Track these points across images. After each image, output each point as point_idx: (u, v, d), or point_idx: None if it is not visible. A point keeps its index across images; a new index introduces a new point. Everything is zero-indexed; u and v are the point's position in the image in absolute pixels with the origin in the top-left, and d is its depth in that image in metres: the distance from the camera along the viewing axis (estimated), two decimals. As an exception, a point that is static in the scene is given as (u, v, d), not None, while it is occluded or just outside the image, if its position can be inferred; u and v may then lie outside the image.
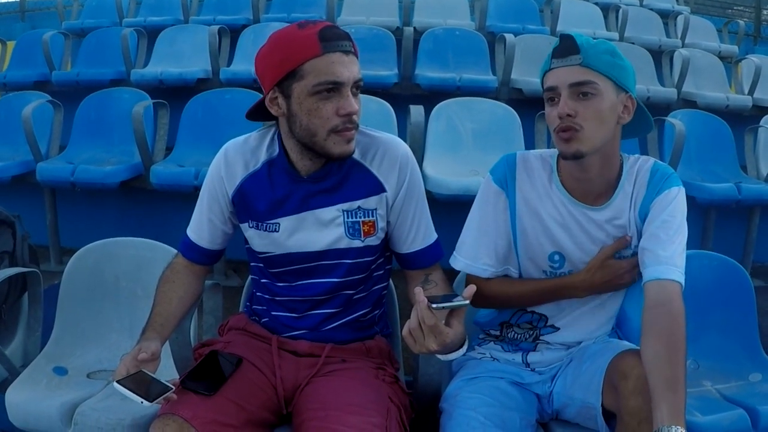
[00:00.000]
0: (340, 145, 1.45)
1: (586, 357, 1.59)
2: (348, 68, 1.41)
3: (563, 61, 1.44)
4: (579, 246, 1.57)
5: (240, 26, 4.87)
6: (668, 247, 1.45)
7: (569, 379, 1.59)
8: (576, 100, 1.43)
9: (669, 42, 5.13)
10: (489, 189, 1.60)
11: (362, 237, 1.57)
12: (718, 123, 3.73)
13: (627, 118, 1.49)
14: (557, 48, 1.46)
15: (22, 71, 4.70)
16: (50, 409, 1.75)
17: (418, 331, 1.28)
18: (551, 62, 1.46)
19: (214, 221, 1.64)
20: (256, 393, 1.51)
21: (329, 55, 1.39)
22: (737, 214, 3.62)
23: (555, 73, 1.45)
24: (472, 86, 4.01)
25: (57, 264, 3.55)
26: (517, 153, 1.62)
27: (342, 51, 1.41)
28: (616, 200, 1.54)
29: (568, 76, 1.43)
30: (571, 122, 1.42)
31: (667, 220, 1.48)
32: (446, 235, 1.73)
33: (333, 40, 1.40)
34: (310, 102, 1.41)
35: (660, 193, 1.51)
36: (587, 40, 1.44)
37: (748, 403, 1.86)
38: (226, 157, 1.60)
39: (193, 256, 1.67)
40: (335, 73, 1.39)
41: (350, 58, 1.42)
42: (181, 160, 3.49)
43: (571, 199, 1.55)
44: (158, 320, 1.54)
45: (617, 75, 1.44)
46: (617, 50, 1.47)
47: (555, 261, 1.59)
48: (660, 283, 1.41)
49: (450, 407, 1.55)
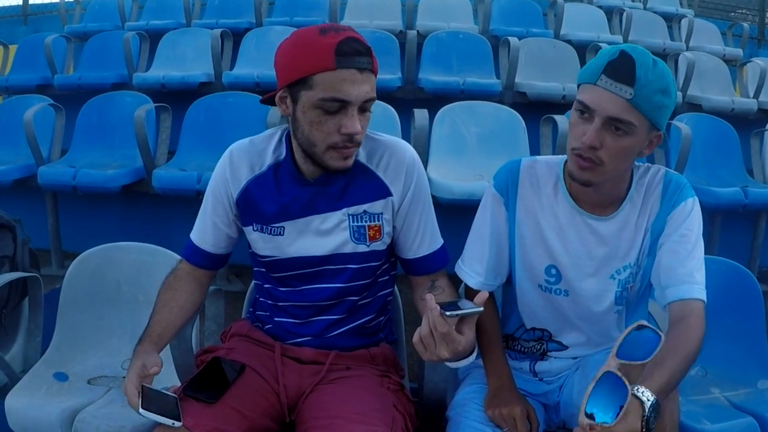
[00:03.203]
0: (337, 161, 1.43)
1: (592, 366, 1.55)
2: (359, 87, 1.36)
3: (613, 86, 1.30)
4: (574, 262, 1.53)
5: (243, 30, 4.86)
6: (688, 263, 1.41)
7: (576, 387, 1.56)
8: (607, 131, 1.33)
9: (673, 45, 5.12)
10: (489, 195, 1.58)
11: (368, 242, 1.56)
12: (723, 126, 3.72)
13: (647, 152, 1.42)
14: (613, 64, 1.31)
15: (24, 75, 4.69)
16: (50, 415, 1.73)
17: (430, 339, 1.26)
18: (600, 77, 1.32)
19: (218, 224, 1.62)
20: (258, 400, 1.49)
21: (342, 71, 1.35)
22: (743, 219, 3.60)
23: (599, 93, 1.32)
24: (476, 90, 4.00)
25: (58, 268, 3.55)
26: (522, 160, 1.58)
27: (357, 68, 1.35)
28: (624, 210, 1.50)
29: (610, 107, 1.31)
30: (593, 155, 1.35)
31: (685, 234, 1.44)
32: (450, 240, 1.71)
33: (349, 55, 1.35)
34: (314, 114, 1.39)
35: (676, 206, 1.47)
36: (646, 69, 1.30)
37: (757, 411, 1.85)
38: (231, 159, 1.58)
39: (197, 260, 1.65)
40: (343, 92, 1.35)
41: (365, 76, 1.37)
42: (183, 164, 3.48)
43: (577, 208, 1.51)
44: (156, 329, 1.52)
45: (658, 117, 1.35)
46: (671, 84, 1.35)
47: (552, 275, 1.55)
48: (683, 303, 1.39)
49: (457, 416, 1.53)
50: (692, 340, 1.31)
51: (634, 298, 1.59)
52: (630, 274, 1.53)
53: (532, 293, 1.59)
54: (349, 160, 1.45)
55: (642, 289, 1.58)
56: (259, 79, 4.08)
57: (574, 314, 1.57)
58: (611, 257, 1.52)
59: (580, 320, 1.58)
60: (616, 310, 1.57)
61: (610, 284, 1.53)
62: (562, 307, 1.57)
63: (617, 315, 1.58)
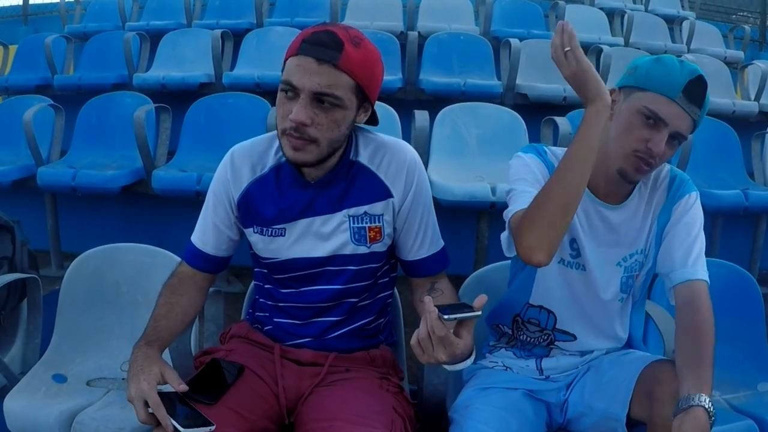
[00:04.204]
0: (287, 149, 1.42)
1: (607, 366, 1.58)
2: (311, 77, 1.34)
3: (688, 106, 1.42)
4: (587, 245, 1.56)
5: (243, 30, 4.86)
6: (692, 248, 1.50)
7: (588, 388, 1.57)
8: (668, 143, 1.44)
9: (674, 47, 5.12)
10: (526, 158, 1.56)
11: (368, 243, 1.55)
12: (724, 129, 3.71)
13: None
14: (693, 87, 1.42)
15: (24, 75, 4.69)
16: (49, 417, 1.73)
17: (427, 342, 1.26)
18: (680, 95, 1.41)
19: (219, 226, 1.61)
20: (257, 402, 1.49)
21: (300, 58, 1.35)
22: (743, 221, 3.60)
23: (676, 111, 1.41)
24: (476, 91, 4.00)
25: (58, 269, 3.54)
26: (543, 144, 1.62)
27: (316, 57, 1.34)
28: (633, 200, 1.57)
29: (683, 125, 1.43)
30: (655, 161, 1.45)
31: (689, 222, 1.53)
32: (451, 242, 1.71)
33: (314, 44, 1.35)
34: (279, 96, 1.40)
35: (681, 197, 1.56)
36: (709, 95, 1.44)
37: (757, 414, 1.85)
38: (233, 161, 1.58)
39: (198, 263, 1.63)
40: (294, 77, 1.35)
41: (324, 68, 1.34)
42: (183, 165, 3.48)
43: (591, 196, 1.55)
44: (164, 336, 1.50)
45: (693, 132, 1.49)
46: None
47: (574, 249, 1.58)
48: (688, 285, 1.47)
49: (460, 418, 1.52)
50: (708, 324, 1.41)
51: (638, 291, 1.63)
52: (635, 262, 1.59)
53: (552, 267, 1.57)
54: (299, 153, 1.40)
55: (645, 282, 1.63)
56: (259, 80, 4.08)
57: (585, 295, 1.59)
58: (618, 244, 1.57)
59: (588, 304, 1.60)
60: (621, 297, 1.61)
61: (617, 271, 1.58)
62: (575, 285, 1.59)
63: (621, 304, 1.62)
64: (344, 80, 1.37)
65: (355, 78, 1.38)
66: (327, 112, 1.38)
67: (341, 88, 1.37)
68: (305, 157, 1.41)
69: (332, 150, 1.45)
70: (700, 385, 1.28)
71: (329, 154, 1.45)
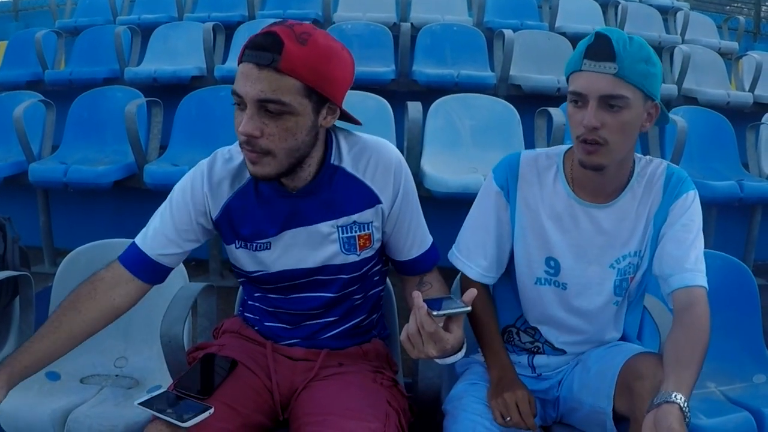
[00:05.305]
0: (246, 164, 1.36)
1: (593, 360, 1.56)
2: (251, 84, 1.26)
3: (596, 66, 1.34)
4: (573, 252, 1.53)
5: (235, 23, 4.83)
6: (690, 251, 1.45)
7: (576, 384, 1.56)
8: (604, 110, 1.36)
9: (669, 38, 5.11)
10: (490, 188, 1.58)
11: (358, 251, 1.51)
12: (719, 120, 3.72)
13: (649, 126, 1.44)
14: (591, 47, 1.36)
15: (14, 71, 4.67)
16: (42, 415, 1.72)
17: (417, 337, 1.25)
18: (583, 62, 1.36)
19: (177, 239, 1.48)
20: (251, 396, 1.47)
21: (243, 65, 1.28)
22: (738, 212, 3.60)
23: (586, 77, 1.36)
24: (470, 82, 4.00)
25: (51, 266, 3.52)
26: (521, 153, 1.59)
27: (255, 63, 1.26)
28: (623, 200, 1.51)
29: (599, 85, 1.34)
30: (597, 135, 1.37)
31: (687, 224, 1.48)
32: (444, 234, 1.70)
33: (254, 49, 1.26)
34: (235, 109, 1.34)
35: (678, 197, 1.50)
36: (623, 43, 1.34)
37: (753, 405, 1.85)
38: (212, 174, 1.47)
39: (137, 268, 1.46)
40: (237, 85, 1.29)
41: (264, 74, 1.25)
42: (175, 159, 3.46)
43: (576, 198, 1.52)
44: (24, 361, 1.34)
45: (648, 85, 1.37)
46: (652, 54, 1.39)
47: (551, 267, 1.55)
48: (687, 291, 1.42)
49: (454, 410, 1.52)
50: (703, 331, 1.36)
51: (633, 293, 1.59)
52: (629, 264, 1.54)
53: (529, 286, 1.59)
54: (257, 167, 1.33)
55: (642, 285, 1.59)
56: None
57: (568, 312, 1.57)
58: (610, 246, 1.53)
59: (572, 320, 1.58)
60: (615, 301, 1.57)
61: (609, 273, 1.54)
62: (554, 304, 1.57)
63: (616, 308, 1.58)
64: (289, 83, 1.26)
65: (302, 79, 1.27)
66: (276, 121, 1.29)
67: (287, 93, 1.27)
68: (264, 170, 1.33)
69: (295, 160, 1.35)
70: (680, 385, 1.23)
71: (292, 164, 1.36)
